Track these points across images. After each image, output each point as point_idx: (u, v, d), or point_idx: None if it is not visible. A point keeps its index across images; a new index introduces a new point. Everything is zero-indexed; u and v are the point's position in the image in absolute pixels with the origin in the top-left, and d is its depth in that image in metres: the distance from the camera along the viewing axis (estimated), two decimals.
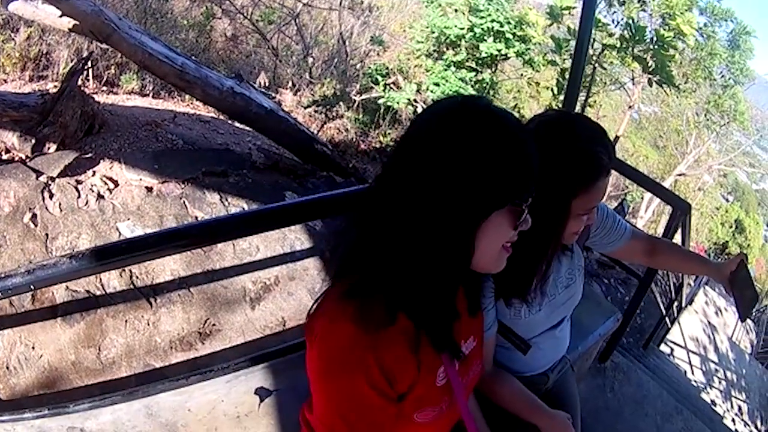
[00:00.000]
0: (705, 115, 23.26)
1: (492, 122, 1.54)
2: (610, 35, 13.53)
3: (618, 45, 13.26)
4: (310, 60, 14.39)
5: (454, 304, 1.75)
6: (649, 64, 13.09)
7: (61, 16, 5.34)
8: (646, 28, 13.32)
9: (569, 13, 13.04)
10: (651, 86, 14.78)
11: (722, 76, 21.18)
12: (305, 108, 12.62)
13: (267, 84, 12.22)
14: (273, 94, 11.89)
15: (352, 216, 1.73)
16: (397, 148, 1.62)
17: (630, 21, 13.31)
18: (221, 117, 8.36)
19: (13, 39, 8.22)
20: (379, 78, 14.18)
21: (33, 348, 3.92)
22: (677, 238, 5.34)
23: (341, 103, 13.32)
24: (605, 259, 9.29)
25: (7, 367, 3.79)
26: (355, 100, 13.88)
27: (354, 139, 13.13)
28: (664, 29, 13.22)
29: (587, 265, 9.17)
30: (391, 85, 14.30)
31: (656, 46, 13.01)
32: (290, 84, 13.43)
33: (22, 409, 2.71)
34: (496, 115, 1.56)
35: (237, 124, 7.88)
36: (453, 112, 1.57)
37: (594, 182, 2.07)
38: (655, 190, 6.91)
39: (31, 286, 2.53)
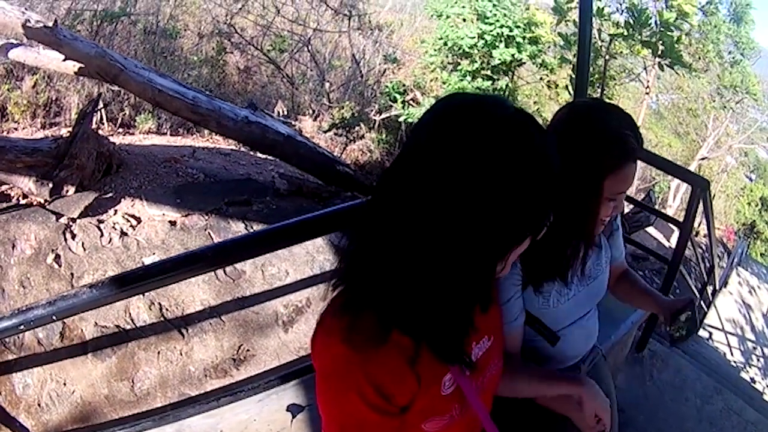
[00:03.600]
0: (718, 93, 23.23)
1: (520, 144, 1.39)
2: (616, 25, 13.51)
3: (624, 33, 13.25)
4: (327, 85, 14.41)
5: (471, 320, 1.61)
6: (658, 48, 13.04)
7: (64, 60, 5.39)
8: (647, 10, 13.32)
9: (575, 6, 13.02)
10: (663, 70, 14.72)
11: (729, 53, 21.24)
12: (325, 132, 12.65)
13: (285, 112, 12.25)
14: (293, 122, 11.93)
15: (355, 229, 1.64)
16: (403, 158, 1.46)
17: (632, 6, 13.30)
18: (242, 149, 8.41)
19: (18, 87, 8.29)
20: (397, 96, 14.15)
21: (64, 384, 3.96)
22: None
23: (361, 123, 13.32)
24: (639, 252, 9.25)
25: (39, 404, 3.83)
26: (375, 120, 13.86)
27: (379, 159, 13.11)
28: (667, 11, 13.18)
29: None
30: (410, 102, 14.28)
31: (661, 29, 12.98)
32: (309, 110, 13.48)
33: None
34: (524, 130, 1.42)
35: (258, 155, 7.90)
36: (471, 121, 1.39)
37: (622, 166, 2.06)
38: (672, 171, 7.02)
39: (54, 317, 2.59)
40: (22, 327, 2.58)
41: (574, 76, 13.30)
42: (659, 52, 13.16)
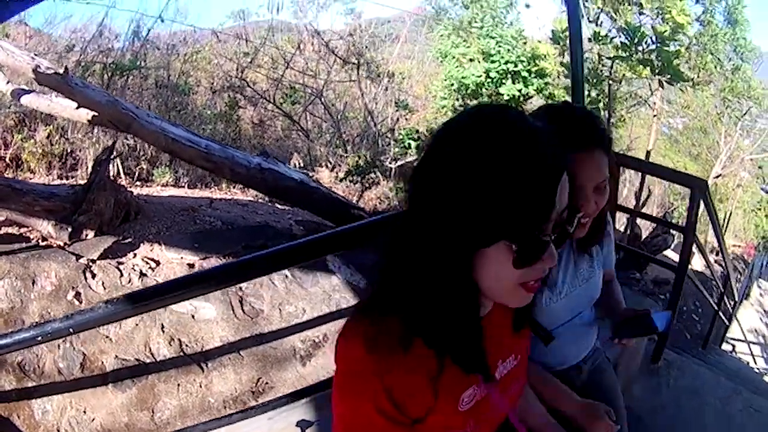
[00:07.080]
0: (724, 103, 22.89)
1: (519, 140, 1.41)
2: (616, 48, 13.63)
3: (623, 55, 13.39)
4: (343, 136, 14.52)
5: (478, 332, 1.59)
6: (655, 65, 13.09)
7: (77, 108, 5.54)
8: (641, 27, 13.49)
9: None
10: (663, 88, 14.77)
11: (729, 59, 20.93)
12: (341, 181, 12.74)
13: (301, 164, 12.33)
14: (310, 173, 12.02)
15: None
16: (418, 167, 1.51)
17: (626, 25, 13.42)
18: (260, 199, 8.52)
19: (32, 137, 8.38)
20: (411, 142, 14.24)
21: (84, 412, 4.06)
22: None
23: (375, 170, 13.38)
24: (662, 277, 9.22)
25: (58, 430, 3.93)
26: (391, 168, 13.95)
27: (398, 207, 13.10)
28: (661, 25, 13.26)
29: (642, 287, 9.18)
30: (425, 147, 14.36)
31: (657, 44, 13.08)
32: (326, 162, 13.57)
33: None
34: (525, 131, 1.44)
35: (276, 205, 7.99)
36: (480, 129, 1.43)
37: (590, 150, 2.16)
38: (665, 175, 6.85)
39: (71, 330, 2.73)
40: (39, 338, 2.71)
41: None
42: (657, 69, 13.20)
